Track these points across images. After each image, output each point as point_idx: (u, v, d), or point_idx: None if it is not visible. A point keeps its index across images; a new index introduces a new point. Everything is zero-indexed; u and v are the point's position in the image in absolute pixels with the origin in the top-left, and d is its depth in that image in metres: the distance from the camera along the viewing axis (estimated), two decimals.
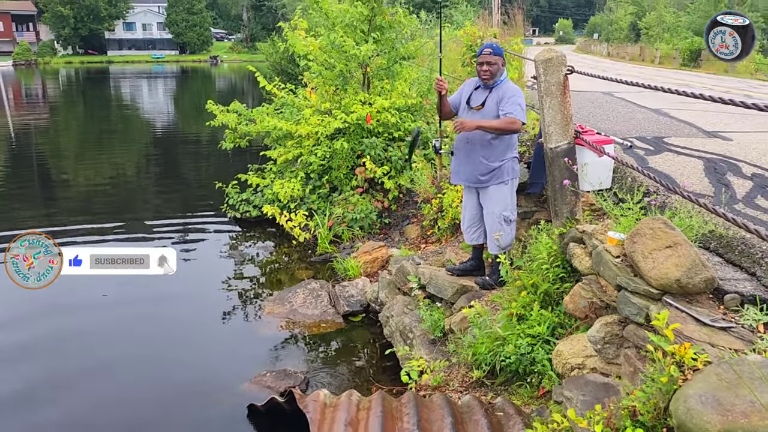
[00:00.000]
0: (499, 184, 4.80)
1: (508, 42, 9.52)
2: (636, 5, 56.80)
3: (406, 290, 5.87)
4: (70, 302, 6.88)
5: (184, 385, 5.30)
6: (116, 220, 10.03)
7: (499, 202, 4.81)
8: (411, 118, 9.39)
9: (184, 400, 5.08)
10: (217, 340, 6.12)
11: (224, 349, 5.92)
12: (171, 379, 5.41)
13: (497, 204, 4.82)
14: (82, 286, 7.48)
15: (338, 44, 8.79)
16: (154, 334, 6.18)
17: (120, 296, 7.14)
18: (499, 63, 4.66)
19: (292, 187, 8.79)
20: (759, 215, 3.62)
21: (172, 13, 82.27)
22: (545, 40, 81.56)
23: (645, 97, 10.15)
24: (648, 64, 31.58)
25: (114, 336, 6.15)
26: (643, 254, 3.05)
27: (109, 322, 6.44)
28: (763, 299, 2.90)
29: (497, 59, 4.64)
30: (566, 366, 3.53)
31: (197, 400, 5.05)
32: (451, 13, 29.79)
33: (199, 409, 4.92)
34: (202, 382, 5.32)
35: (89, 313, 6.65)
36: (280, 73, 22.18)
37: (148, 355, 5.76)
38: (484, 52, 4.68)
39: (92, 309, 6.76)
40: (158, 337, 6.13)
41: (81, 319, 6.52)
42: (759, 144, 5.81)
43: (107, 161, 16.04)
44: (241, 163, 11.24)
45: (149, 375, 5.44)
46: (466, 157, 4.85)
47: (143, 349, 5.87)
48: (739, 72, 21.94)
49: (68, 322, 6.38)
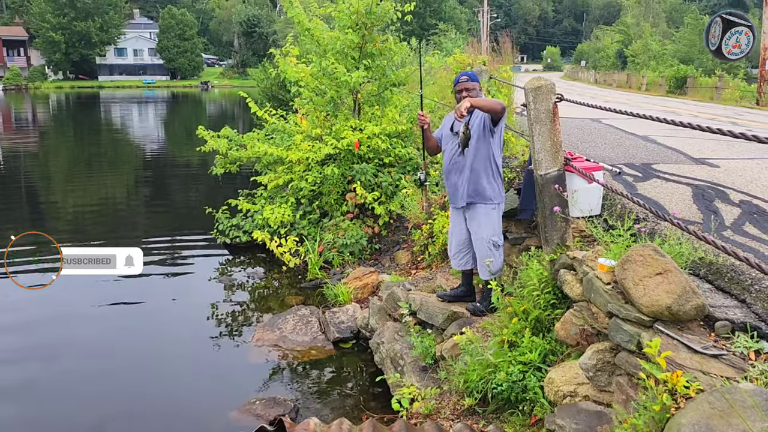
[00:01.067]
0: (487, 207, 4.79)
1: (497, 69, 9.63)
2: (622, 34, 57.79)
3: (396, 316, 5.84)
4: (54, 324, 6.82)
5: (171, 413, 5.22)
6: (104, 243, 9.95)
7: (488, 227, 4.81)
8: (401, 144, 9.45)
9: (172, 428, 5.00)
10: (206, 367, 6.05)
11: (212, 376, 5.85)
12: (158, 406, 5.34)
13: (485, 229, 4.81)
14: (64, 304, 7.45)
15: (329, 71, 8.86)
16: (140, 360, 6.11)
17: (106, 319, 7.08)
18: (476, 88, 4.78)
19: (283, 213, 8.78)
20: (747, 242, 3.64)
21: (163, 39, 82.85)
22: (533, 67, 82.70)
23: (633, 123, 10.27)
24: (635, 91, 32.02)
25: (98, 360, 6.08)
26: (633, 281, 3.06)
27: (94, 347, 6.38)
28: (753, 326, 2.90)
29: (474, 85, 4.76)
30: (558, 394, 3.51)
31: (185, 428, 4.98)
32: (440, 41, 30.14)
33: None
34: (190, 409, 5.25)
35: (73, 338, 6.57)
36: (271, 99, 22.30)
37: (135, 382, 5.69)
38: (461, 80, 4.81)
39: (76, 333, 6.69)
40: (145, 363, 6.05)
41: (65, 344, 6.44)
42: (745, 171, 5.87)
43: (96, 186, 15.98)
44: (232, 188, 11.25)
45: (136, 402, 5.36)
46: (457, 177, 4.86)
47: (130, 375, 5.80)
48: (725, 99, 22.27)
49: (52, 350, 6.30)
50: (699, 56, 40.85)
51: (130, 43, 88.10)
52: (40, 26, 74.29)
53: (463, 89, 4.75)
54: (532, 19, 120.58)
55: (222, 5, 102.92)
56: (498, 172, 4.82)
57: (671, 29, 60.13)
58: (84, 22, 76.34)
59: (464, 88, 4.74)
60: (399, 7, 9.23)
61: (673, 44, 46.60)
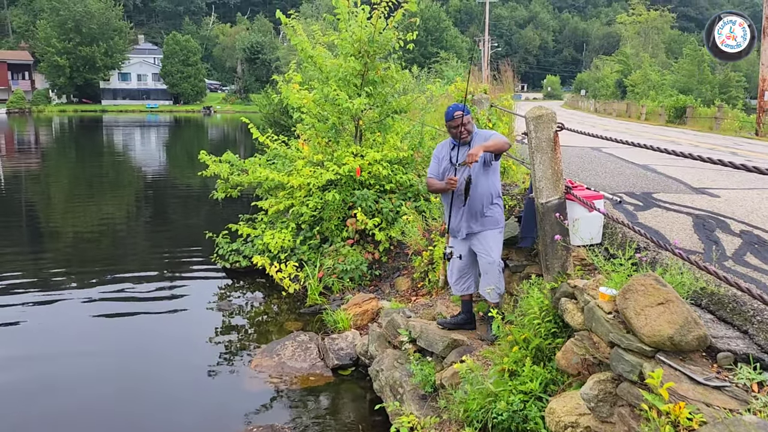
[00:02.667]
0: (494, 231, 4.88)
1: (498, 97, 9.70)
2: (622, 64, 58.38)
3: (396, 344, 5.80)
4: (49, 348, 6.78)
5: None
6: (105, 268, 9.95)
7: (496, 249, 4.90)
8: (402, 171, 9.48)
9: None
10: (203, 393, 5.99)
11: (210, 403, 5.79)
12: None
13: (495, 251, 4.89)
14: (60, 327, 7.40)
15: (331, 97, 8.93)
16: (136, 385, 6.06)
17: (102, 343, 7.04)
18: (470, 120, 4.83)
19: (283, 238, 8.78)
20: (749, 273, 3.64)
21: (167, 64, 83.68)
22: (534, 96, 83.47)
23: (633, 152, 10.31)
24: (634, 120, 32.22)
25: (93, 385, 6.03)
26: (635, 311, 3.05)
27: (89, 372, 6.32)
28: (756, 358, 2.89)
29: (469, 118, 4.82)
30: (559, 424, 3.47)
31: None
32: (441, 69, 30.47)
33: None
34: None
35: (68, 362, 6.52)
36: (273, 124, 22.47)
37: (131, 407, 5.63)
38: (455, 115, 4.76)
39: (71, 357, 6.64)
40: (141, 388, 6.00)
41: (59, 369, 6.39)
42: (745, 201, 5.88)
43: (97, 209, 16.00)
44: (232, 212, 11.25)
45: (131, 429, 5.29)
46: (467, 209, 4.85)
47: (125, 400, 5.75)
48: (724, 129, 22.40)
49: (46, 375, 6.25)
50: (698, 87, 41.26)
51: (134, 68, 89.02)
52: (45, 50, 75.10)
53: (459, 125, 4.74)
54: (533, 48, 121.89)
55: (226, 32, 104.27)
56: (499, 195, 4.95)
57: (670, 60, 60.78)
58: (89, 47, 77.20)
59: (461, 123, 4.74)
60: (401, 36, 9.34)
61: (672, 74, 47.07)
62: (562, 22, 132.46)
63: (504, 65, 12.48)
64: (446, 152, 5.00)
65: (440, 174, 5.01)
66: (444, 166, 4.98)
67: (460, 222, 4.93)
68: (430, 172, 5.11)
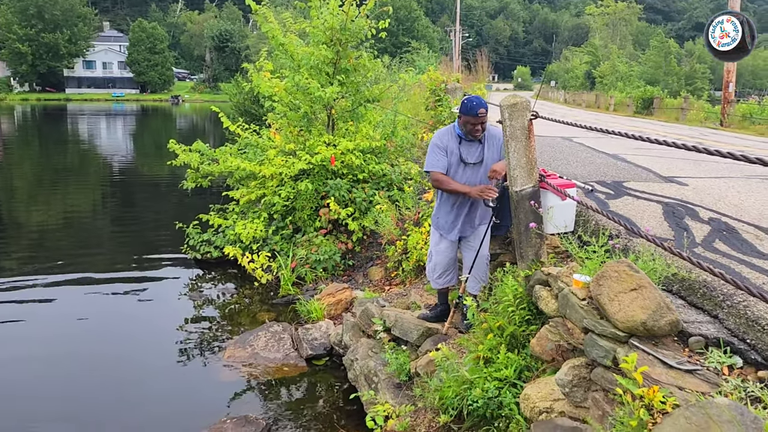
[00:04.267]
0: (485, 226, 4.83)
1: (471, 87, 9.72)
2: (591, 55, 59.02)
3: (370, 333, 5.80)
4: (17, 345, 6.62)
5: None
6: (70, 261, 9.75)
7: (486, 243, 4.88)
8: (375, 160, 9.45)
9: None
10: (175, 386, 5.92)
11: (182, 395, 5.73)
12: (125, 426, 5.19)
13: (485, 245, 4.87)
14: (29, 323, 7.24)
15: (303, 86, 8.84)
16: (107, 380, 5.96)
17: (71, 339, 6.91)
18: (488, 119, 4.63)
19: (255, 228, 8.70)
20: (718, 259, 3.70)
21: (133, 52, 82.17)
22: (504, 86, 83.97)
23: (603, 142, 10.44)
24: (603, 111, 32.63)
25: (64, 382, 5.91)
26: (609, 297, 3.08)
27: (59, 368, 6.19)
28: (726, 342, 2.94)
29: (488, 116, 4.59)
30: (534, 410, 3.50)
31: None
32: (413, 58, 30.43)
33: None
34: (158, 428, 5.12)
35: (36, 359, 6.38)
36: (244, 113, 22.20)
37: (102, 402, 5.54)
38: (479, 113, 4.47)
39: (39, 353, 6.49)
40: (112, 383, 5.90)
41: (27, 365, 6.25)
42: (713, 189, 5.99)
43: (62, 200, 15.66)
44: (203, 203, 11.11)
45: (103, 423, 5.21)
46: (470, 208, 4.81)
47: (96, 395, 5.65)
48: (690, 120, 22.82)
49: (9, 369, 6.11)
50: (665, 78, 41.96)
51: (99, 55, 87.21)
52: (6, 37, 73.08)
53: (480, 123, 4.51)
54: (503, 39, 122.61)
55: (194, 19, 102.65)
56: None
57: (637, 51, 61.67)
58: (52, 33, 75.40)
59: (482, 122, 4.50)
60: (373, 24, 9.29)
61: (640, 66, 47.76)
62: (533, 13, 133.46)
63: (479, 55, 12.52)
64: (454, 146, 4.70)
65: (446, 169, 4.72)
66: (453, 161, 4.70)
67: (454, 222, 4.88)
68: (436, 165, 4.72)
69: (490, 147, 4.70)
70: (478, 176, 4.70)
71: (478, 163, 4.70)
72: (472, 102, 4.52)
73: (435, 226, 5.05)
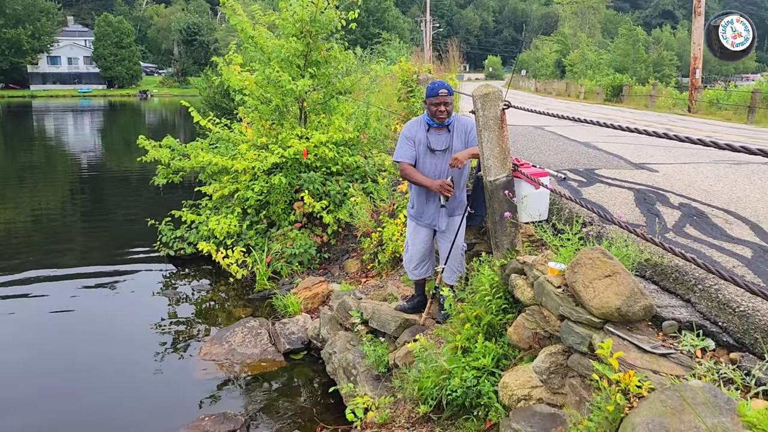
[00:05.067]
0: (461, 216, 4.82)
1: (443, 77, 9.72)
2: (560, 44, 59.48)
3: (348, 326, 5.79)
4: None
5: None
6: (40, 260, 9.56)
7: (462, 233, 4.86)
8: (348, 153, 9.42)
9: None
10: (151, 384, 5.85)
11: (159, 393, 5.67)
12: (102, 425, 5.12)
13: (461, 235, 4.86)
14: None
15: (274, 79, 8.76)
16: (81, 381, 5.86)
17: (43, 337, 6.78)
18: (452, 101, 4.65)
19: (229, 223, 8.61)
20: (689, 243, 3.76)
21: (99, 46, 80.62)
22: (475, 76, 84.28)
23: (574, 131, 10.54)
24: (574, 99, 32.95)
25: (37, 382, 5.79)
26: (583, 284, 3.11)
27: (32, 369, 6.07)
28: (699, 325, 2.99)
29: (451, 98, 4.62)
30: (513, 398, 3.52)
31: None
32: (384, 49, 30.34)
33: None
34: (135, 427, 5.06)
35: (7, 359, 6.25)
36: (214, 107, 21.94)
37: (76, 403, 5.46)
38: (440, 93, 4.52)
39: (11, 354, 6.37)
40: (87, 384, 5.81)
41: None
42: (683, 175, 6.09)
43: (29, 199, 15.33)
44: (175, 199, 10.96)
45: (78, 423, 5.13)
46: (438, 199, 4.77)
47: (71, 396, 5.56)
48: (659, 107, 23.15)
49: None
50: (633, 65, 42.49)
51: (63, 51, 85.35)
52: None
53: (442, 103, 4.54)
54: (474, 29, 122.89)
55: (160, 13, 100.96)
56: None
57: (606, 39, 62.29)
58: (14, 29, 73.58)
59: (443, 101, 4.53)
60: (343, 15, 9.23)
61: (609, 54, 48.26)
62: (502, 2, 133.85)
63: (450, 45, 12.53)
64: (422, 136, 4.71)
65: (415, 159, 4.75)
66: (421, 150, 4.72)
67: (434, 214, 4.86)
68: (403, 156, 4.76)
69: (458, 135, 4.70)
70: (445, 163, 4.71)
71: (445, 150, 4.70)
72: (434, 84, 4.62)
73: (411, 215, 5.05)
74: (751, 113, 16.97)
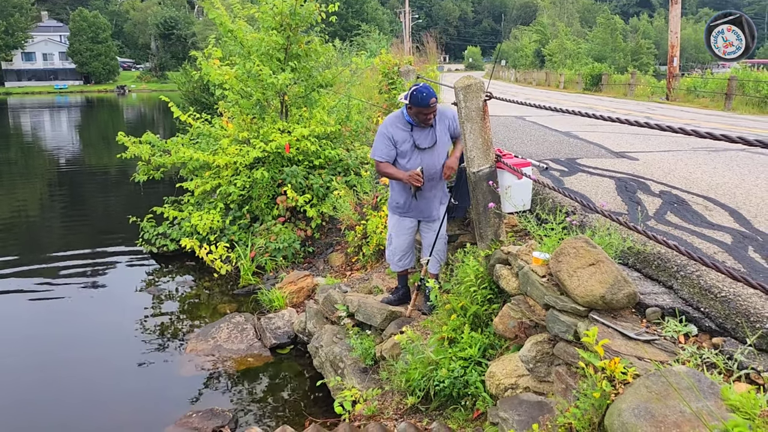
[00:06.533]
0: (444, 206, 4.85)
1: (423, 69, 9.72)
2: (539, 33, 59.67)
3: (334, 319, 5.79)
4: None
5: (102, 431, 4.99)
6: (21, 258, 9.44)
7: (444, 223, 4.88)
8: (330, 146, 9.39)
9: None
10: (138, 382, 5.81)
11: (145, 391, 5.63)
12: (88, 424, 5.08)
13: (444, 225, 4.88)
14: None
15: (254, 73, 8.70)
16: (67, 380, 5.81)
17: (27, 337, 6.71)
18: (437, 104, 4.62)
19: (212, 219, 8.56)
20: (670, 231, 3.81)
21: (75, 42, 79.38)
22: (455, 67, 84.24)
23: (555, 120, 10.59)
24: (553, 89, 33.10)
25: (22, 382, 5.73)
26: (568, 273, 3.14)
27: (16, 368, 6.00)
28: (681, 311, 3.03)
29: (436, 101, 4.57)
30: (500, 387, 3.56)
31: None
32: (364, 41, 30.23)
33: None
34: (123, 426, 5.03)
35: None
36: (194, 102, 21.72)
37: (63, 402, 5.41)
38: (430, 103, 4.42)
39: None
40: (72, 383, 5.76)
41: None
42: (662, 163, 6.15)
43: (7, 197, 15.09)
44: (156, 195, 10.87)
45: (63, 424, 5.09)
46: (429, 192, 4.76)
47: (57, 395, 5.51)
48: (637, 95, 23.35)
49: None
50: (612, 54, 42.78)
51: (38, 47, 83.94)
52: None
53: (430, 112, 4.48)
54: (453, 19, 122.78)
55: (137, 7, 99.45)
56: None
57: (585, 29, 62.64)
58: None
59: (432, 111, 4.48)
60: (322, 8, 9.17)
61: (587, 43, 48.54)
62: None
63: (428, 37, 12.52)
64: (406, 135, 4.62)
65: (393, 158, 4.68)
66: (407, 148, 4.64)
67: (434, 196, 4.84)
68: (381, 154, 4.69)
69: (441, 127, 4.69)
70: (434, 158, 4.69)
71: (432, 147, 4.69)
72: (422, 93, 4.43)
73: (392, 209, 5.03)
74: (728, 100, 17.17)
